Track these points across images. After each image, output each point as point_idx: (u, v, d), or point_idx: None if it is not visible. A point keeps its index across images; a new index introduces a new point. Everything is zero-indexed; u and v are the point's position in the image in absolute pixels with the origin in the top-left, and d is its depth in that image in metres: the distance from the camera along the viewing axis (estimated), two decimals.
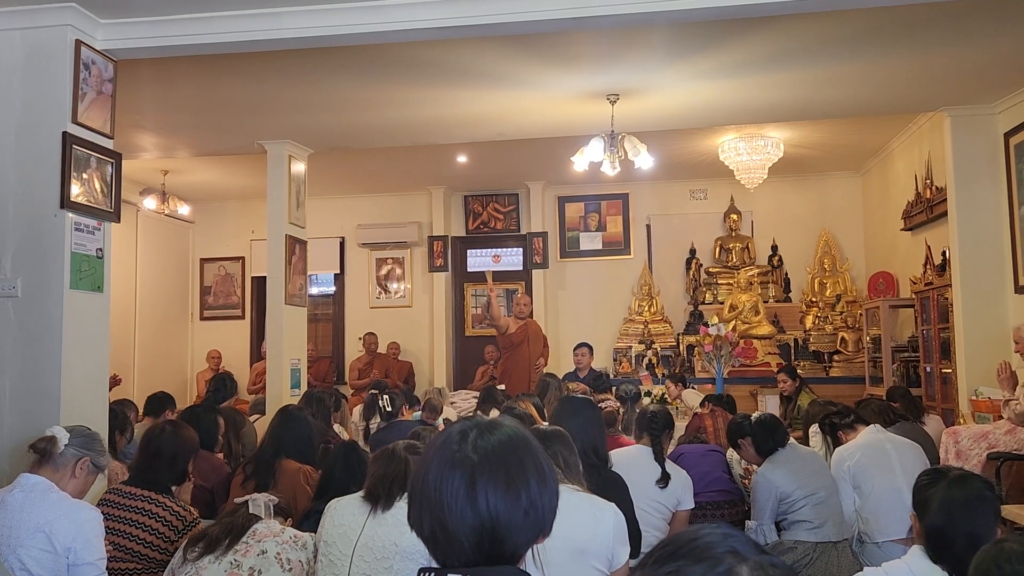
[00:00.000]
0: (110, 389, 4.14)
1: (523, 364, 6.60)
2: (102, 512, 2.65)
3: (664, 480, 3.31)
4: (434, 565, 1.13)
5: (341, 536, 2.29)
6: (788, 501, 3.36)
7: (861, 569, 2.23)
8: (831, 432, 3.86)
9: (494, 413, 4.38)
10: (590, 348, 6.68)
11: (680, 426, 4.75)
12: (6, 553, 2.38)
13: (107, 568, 2.59)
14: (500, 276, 8.90)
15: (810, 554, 3.24)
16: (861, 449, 3.53)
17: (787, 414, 5.93)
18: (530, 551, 1.15)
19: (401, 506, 2.29)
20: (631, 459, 3.41)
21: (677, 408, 5.86)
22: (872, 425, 3.69)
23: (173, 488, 2.89)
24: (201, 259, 9.22)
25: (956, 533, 1.83)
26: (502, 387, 6.16)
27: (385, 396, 5.01)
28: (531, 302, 7.13)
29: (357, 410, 6.01)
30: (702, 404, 5.25)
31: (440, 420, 5.15)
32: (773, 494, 3.38)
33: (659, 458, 3.37)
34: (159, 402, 4.50)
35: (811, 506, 3.33)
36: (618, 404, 5.15)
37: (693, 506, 3.43)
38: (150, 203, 7.91)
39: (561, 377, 6.54)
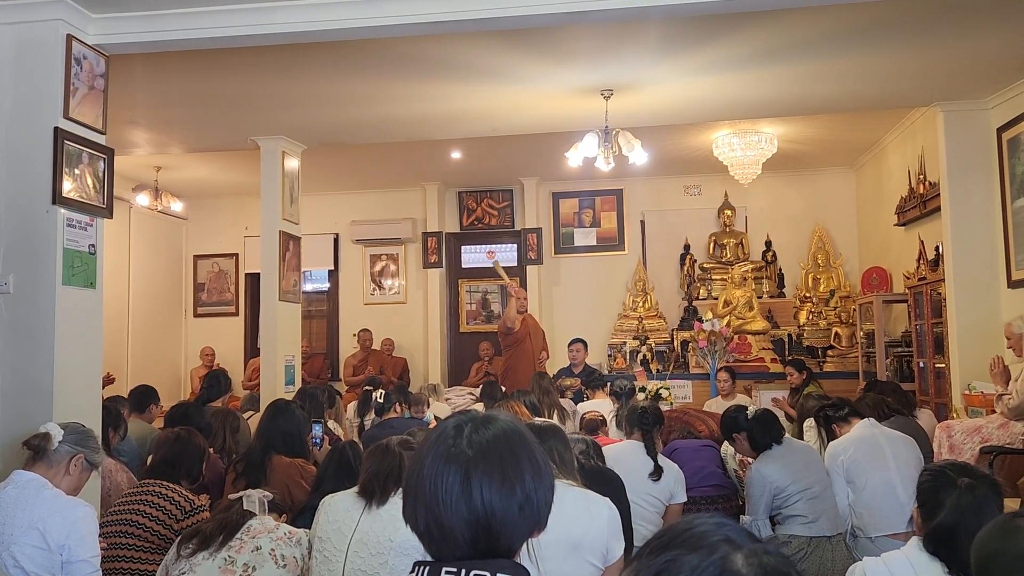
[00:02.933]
0: (104, 388, 4.13)
1: (527, 359, 6.56)
2: (122, 499, 2.86)
3: (657, 473, 3.34)
4: (429, 559, 1.13)
5: (336, 532, 2.29)
6: (782, 496, 3.37)
7: (854, 563, 2.23)
8: (825, 425, 3.87)
9: None
10: (584, 344, 6.68)
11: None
12: (0, 550, 2.38)
13: (111, 542, 2.63)
14: (495, 273, 8.89)
15: (804, 548, 3.25)
16: (855, 443, 3.54)
17: (794, 405, 5.96)
18: (525, 545, 1.15)
19: (395, 501, 2.29)
20: (623, 454, 3.44)
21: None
22: (866, 419, 3.70)
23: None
24: (194, 256, 9.19)
25: (963, 535, 1.81)
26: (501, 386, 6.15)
27: (380, 390, 5.01)
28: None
29: (351, 406, 6.01)
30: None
31: (430, 416, 5.15)
32: (767, 489, 3.39)
33: (651, 452, 3.41)
34: (141, 396, 4.50)
35: (805, 501, 3.34)
36: (612, 399, 5.16)
37: (685, 499, 3.47)
38: (143, 199, 7.88)
39: (555, 373, 6.55)
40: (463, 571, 1.08)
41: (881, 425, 3.74)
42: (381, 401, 4.90)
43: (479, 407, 5.16)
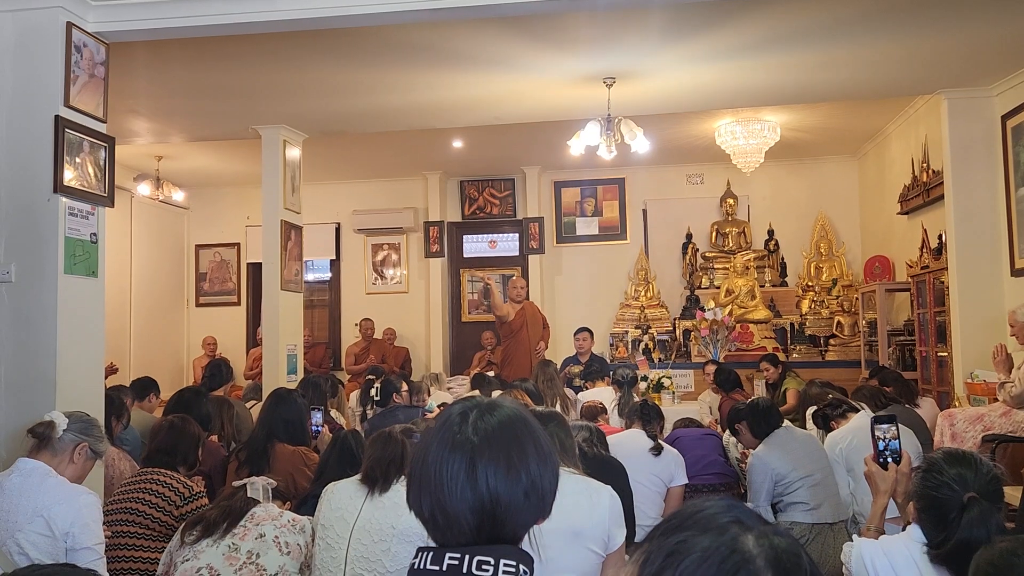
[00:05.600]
0: (106, 378, 4.14)
1: (523, 349, 6.56)
2: (121, 489, 2.87)
3: (657, 448, 3.41)
4: (432, 545, 1.13)
5: (338, 519, 2.30)
6: (784, 483, 3.38)
7: (849, 544, 2.20)
8: (824, 425, 3.89)
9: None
10: (591, 333, 6.68)
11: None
12: (4, 537, 2.38)
13: (112, 531, 2.65)
14: (497, 262, 8.92)
15: (806, 535, 3.27)
16: (852, 432, 3.56)
17: (773, 400, 5.96)
18: (527, 533, 1.15)
19: (398, 489, 2.30)
20: (626, 440, 3.53)
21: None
22: (861, 411, 3.71)
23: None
24: (196, 245, 9.19)
25: (977, 545, 1.74)
26: (492, 374, 6.15)
27: (376, 385, 5.01)
28: (526, 284, 7.10)
29: (354, 395, 6.02)
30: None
31: (432, 404, 5.15)
32: (769, 475, 3.40)
33: (651, 436, 3.49)
34: (142, 387, 4.57)
35: (807, 488, 3.35)
36: (614, 387, 5.17)
37: (686, 482, 3.52)
38: (144, 189, 7.87)
39: (561, 361, 6.56)
40: (467, 557, 1.08)
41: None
42: (378, 398, 4.90)
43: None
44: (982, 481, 1.78)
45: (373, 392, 4.99)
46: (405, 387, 4.97)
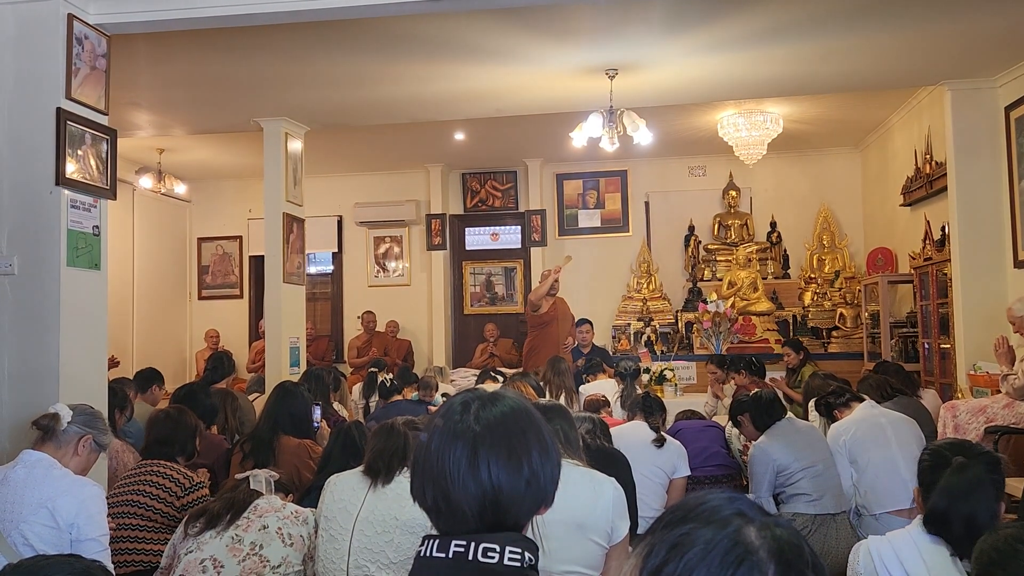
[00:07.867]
0: (108, 370, 4.15)
1: (552, 342, 6.52)
2: (122, 482, 2.89)
3: (660, 440, 3.42)
4: (437, 534, 1.14)
5: (341, 511, 2.30)
6: (786, 474, 3.39)
7: (859, 541, 2.23)
8: (827, 412, 3.89)
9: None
10: (592, 325, 6.67)
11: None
12: (9, 529, 2.39)
13: (115, 523, 2.67)
14: (499, 255, 8.91)
15: (808, 526, 3.27)
16: (856, 423, 3.56)
17: (790, 385, 5.96)
18: (530, 525, 1.16)
19: (401, 480, 2.30)
20: (628, 432, 3.53)
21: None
22: (866, 401, 3.71)
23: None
24: (198, 238, 9.20)
25: (955, 517, 1.83)
26: (499, 369, 6.14)
27: (388, 374, 5.03)
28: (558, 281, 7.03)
29: (356, 388, 6.03)
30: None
31: (438, 399, 5.16)
32: (770, 466, 3.41)
33: (653, 428, 3.50)
34: (145, 379, 4.59)
35: (809, 479, 3.35)
36: (617, 379, 5.17)
37: (688, 473, 3.52)
38: (146, 182, 7.87)
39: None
40: (472, 544, 1.08)
41: (880, 406, 3.75)
42: (389, 386, 4.92)
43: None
44: (975, 453, 1.92)
45: (386, 378, 5.00)
46: (407, 391, 4.98)
